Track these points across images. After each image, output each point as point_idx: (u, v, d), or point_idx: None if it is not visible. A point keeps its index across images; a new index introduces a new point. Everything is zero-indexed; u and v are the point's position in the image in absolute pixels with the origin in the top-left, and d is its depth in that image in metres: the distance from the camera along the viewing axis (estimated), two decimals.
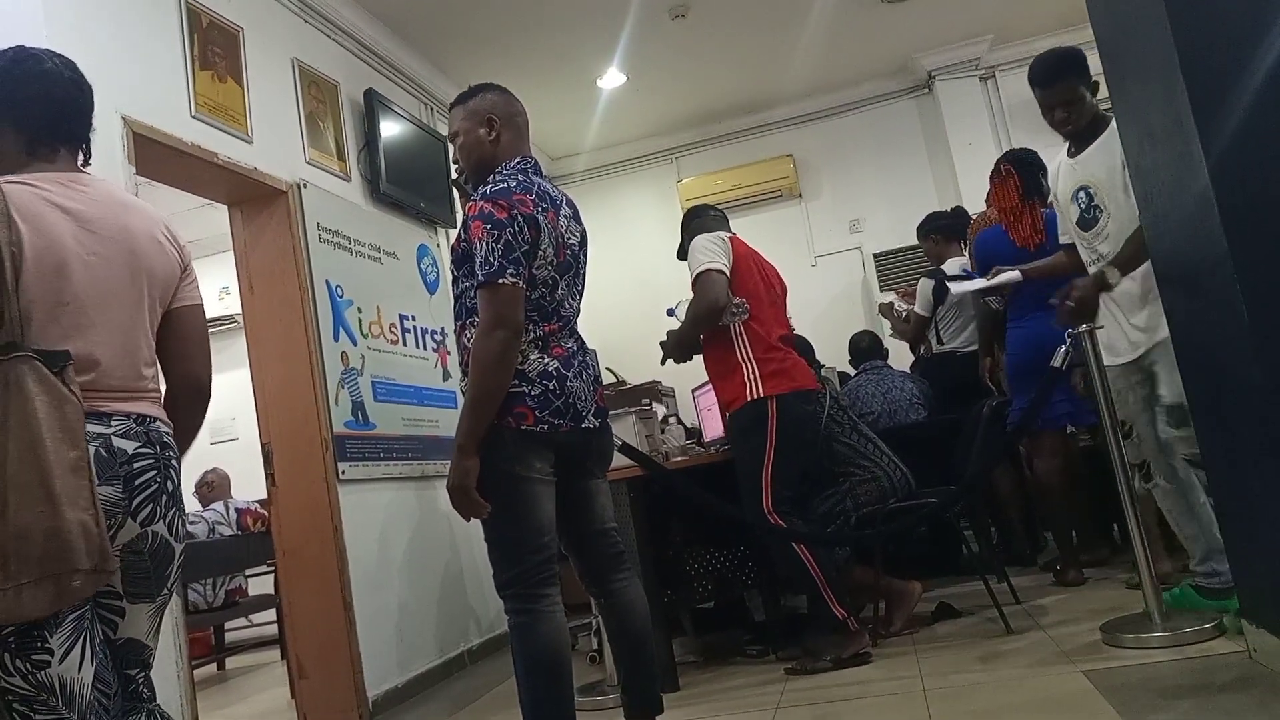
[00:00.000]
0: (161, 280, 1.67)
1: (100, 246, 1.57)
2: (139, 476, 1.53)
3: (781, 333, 3.24)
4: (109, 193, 1.66)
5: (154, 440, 1.58)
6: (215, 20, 3.47)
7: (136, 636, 1.59)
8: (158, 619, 1.64)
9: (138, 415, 1.57)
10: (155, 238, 1.67)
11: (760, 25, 5.36)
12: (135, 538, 1.54)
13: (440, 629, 4.11)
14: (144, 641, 1.61)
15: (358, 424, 3.82)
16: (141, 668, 1.61)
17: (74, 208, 1.56)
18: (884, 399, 4.14)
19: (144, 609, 1.59)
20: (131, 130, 2.93)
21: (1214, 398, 2.28)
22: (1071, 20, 5.63)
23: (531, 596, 2.01)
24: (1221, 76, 1.94)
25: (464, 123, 2.26)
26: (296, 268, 3.67)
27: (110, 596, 1.55)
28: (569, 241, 2.19)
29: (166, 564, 1.60)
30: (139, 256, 1.62)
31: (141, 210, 1.70)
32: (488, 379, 1.99)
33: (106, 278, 1.57)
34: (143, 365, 1.62)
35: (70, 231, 1.54)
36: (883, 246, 6.41)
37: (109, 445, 1.51)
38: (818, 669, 2.93)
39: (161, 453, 1.59)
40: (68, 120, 1.67)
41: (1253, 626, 2.21)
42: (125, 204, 1.67)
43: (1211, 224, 1.97)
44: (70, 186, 1.59)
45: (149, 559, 1.56)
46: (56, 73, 1.67)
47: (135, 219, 1.65)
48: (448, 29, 4.79)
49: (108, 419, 1.52)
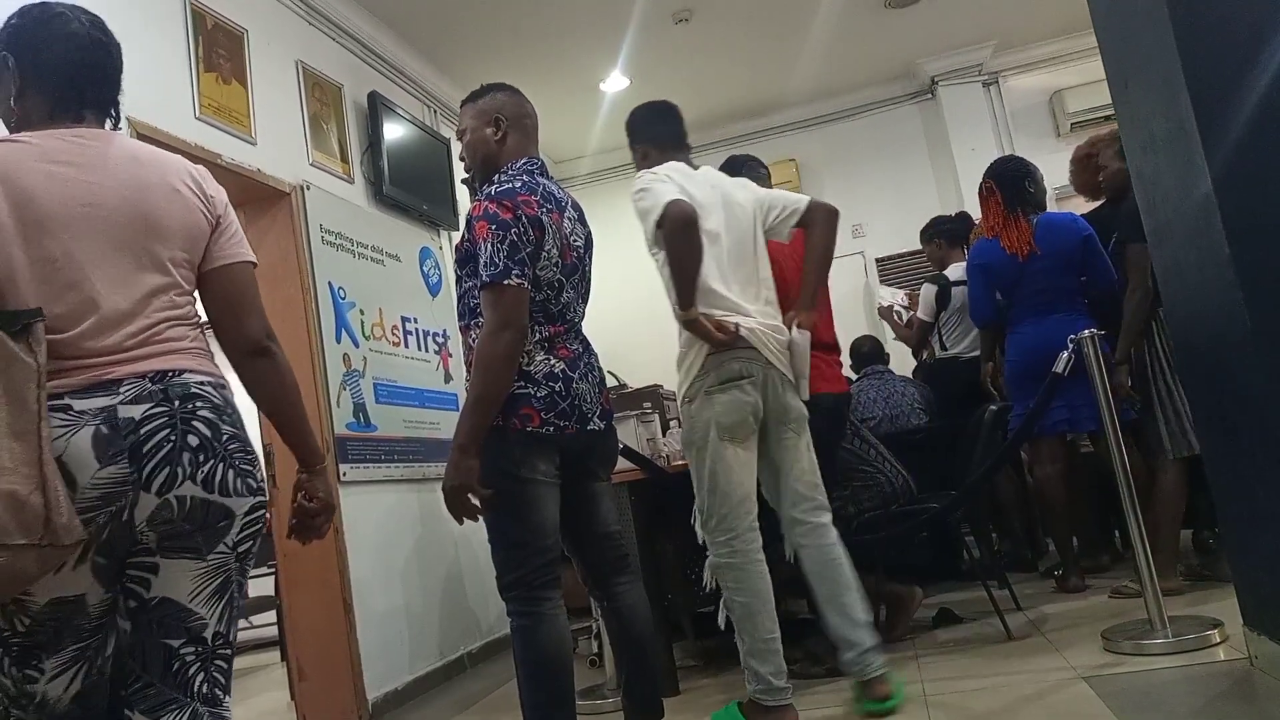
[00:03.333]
0: (181, 231, 1.53)
1: (98, 197, 1.47)
2: (147, 442, 1.38)
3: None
4: (119, 145, 1.55)
5: (173, 395, 1.43)
6: (220, 22, 3.47)
7: (175, 597, 1.42)
8: (212, 584, 1.45)
9: (155, 372, 1.43)
10: (173, 188, 1.54)
11: (763, 30, 5.37)
12: (157, 508, 1.39)
13: (441, 631, 4.11)
14: (185, 604, 1.43)
15: (359, 426, 3.83)
16: (187, 639, 1.43)
17: (70, 160, 1.47)
18: (886, 404, 4.14)
19: (187, 566, 1.43)
20: (136, 131, 2.93)
21: (1216, 404, 2.28)
22: (1074, 26, 5.66)
23: (534, 599, 2.01)
24: (1224, 83, 1.94)
25: (471, 120, 2.26)
26: (299, 269, 3.67)
27: (142, 553, 1.42)
28: (574, 244, 2.19)
29: (216, 522, 1.44)
30: (147, 206, 1.50)
31: (159, 162, 1.57)
32: (490, 380, 1.99)
33: (106, 231, 1.46)
34: (162, 316, 1.49)
35: (63, 186, 1.45)
36: (885, 251, 6.42)
37: (113, 418, 1.38)
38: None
39: (180, 406, 1.42)
40: (95, 86, 1.58)
41: (1254, 633, 2.21)
42: (137, 156, 1.55)
43: (1214, 230, 1.97)
44: (73, 141, 1.50)
45: (185, 523, 1.41)
46: (84, 33, 1.57)
47: (149, 171, 1.54)
48: (452, 32, 4.80)
49: (115, 385, 1.40)
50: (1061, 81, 6.18)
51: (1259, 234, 1.91)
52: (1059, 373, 2.86)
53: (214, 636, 1.46)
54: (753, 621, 2.41)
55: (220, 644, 1.48)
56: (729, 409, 2.44)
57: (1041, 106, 6.31)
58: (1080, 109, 6.02)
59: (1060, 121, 6.20)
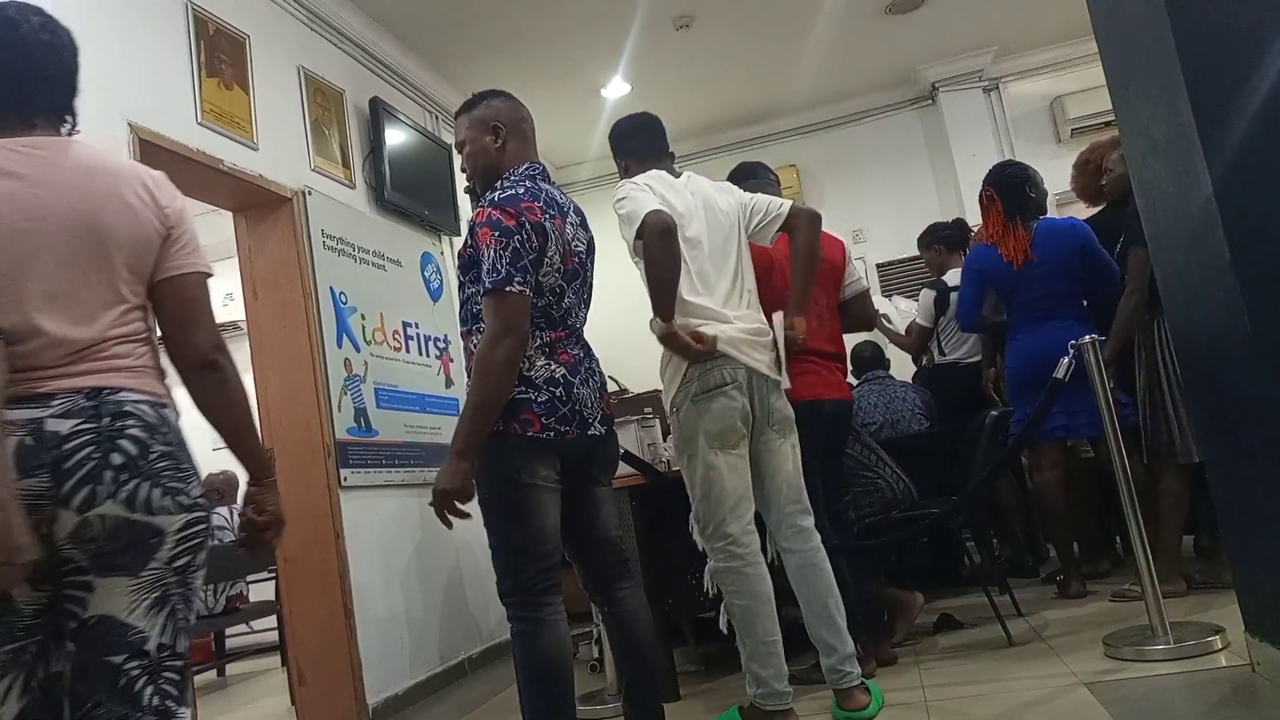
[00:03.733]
0: (129, 243, 1.51)
1: (45, 212, 1.44)
2: (69, 458, 1.37)
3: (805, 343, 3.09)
4: (71, 155, 1.52)
5: (104, 412, 1.41)
6: (222, 28, 3.48)
7: (112, 614, 1.41)
8: (149, 598, 1.43)
9: (90, 389, 1.42)
10: (124, 200, 1.51)
11: (764, 36, 5.38)
12: (77, 526, 1.37)
13: (441, 636, 4.11)
14: (123, 620, 1.41)
15: (360, 430, 3.83)
16: (130, 654, 1.41)
17: (18, 172, 1.45)
18: (886, 409, 4.13)
19: (121, 583, 1.41)
20: (137, 136, 2.94)
21: (1217, 409, 2.28)
22: (1074, 33, 5.67)
23: (534, 604, 2.01)
24: (1225, 88, 1.95)
25: (470, 131, 2.26)
26: (300, 274, 3.68)
27: (75, 573, 1.40)
28: (576, 249, 2.19)
29: (143, 541, 1.41)
30: (95, 220, 1.47)
31: (111, 171, 1.55)
32: (490, 386, 1.99)
33: (51, 247, 1.44)
34: (107, 334, 1.47)
35: (7, 202, 1.42)
36: (886, 257, 6.43)
37: (39, 431, 1.36)
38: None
39: (110, 424, 1.41)
40: (46, 93, 1.55)
41: (1256, 640, 2.20)
42: (88, 166, 1.52)
43: (1215, 235, 1.97)
44: (20, 151, 1.47)
45: (109, 542, 1.39)
46: (32, 38, 1.53)
47: (99, 181, 1.51)
48: (453, 38, 4.81)
49: (47, 399, 1.39)
50: (1062, 87, 6.19)
51: (1260, 239, 1.92)
52: (1060, 378, 2.86)
53: (158, 648, 1.44)
54: (753, 625, 2.41)
55: (166, 655, 1.45)
56: (717, 416, 2.43)
57: (1042, 112, 6.32)
58: (1081, 115, 6.02)
59: (1061, 127, 6.21)
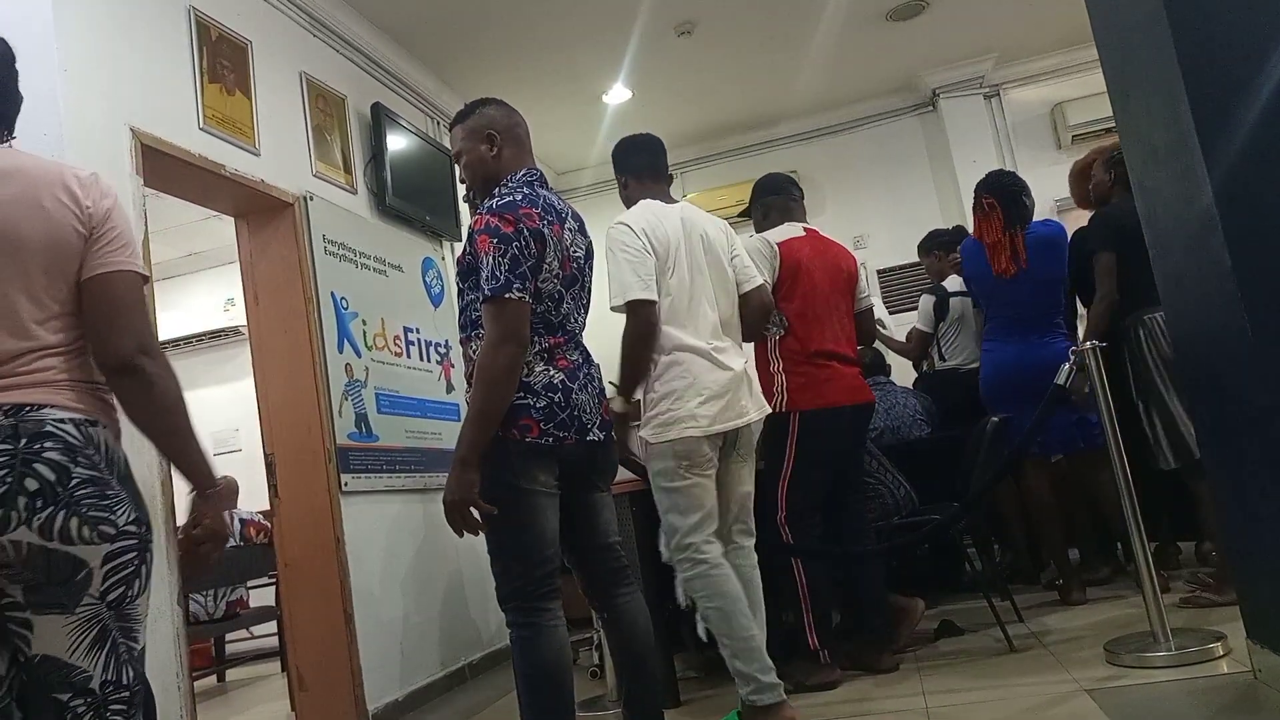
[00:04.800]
0: (43, 249, 1.45)
1: None
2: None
3: (823, 346, 3.09)
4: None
5: (22, 433, 1.35)
6: (224, 34, 3.49)
7: (54, 654, 1.38)
8: (87, 636, 1.40)
9: (11, 406, 1.37)
10: (38, 203, 1.46)
11: (765, 42, 5.39)
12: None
13: (442, 642, 4.10)
14: (65, 660, 1.38)
15: (361, 436, 3.83)
16: (74, 692, 1.39)
17: None
18: (887, 415, 4.13)
19: (57, 621, 1.38)
20: (140, 142, 2.95)
21: (1217, 414, 2.27)
22: (1075, 39, 5.67)
23: (533, 610, 2.01)
24: (1225, 94, 1.95)
25: (465, 141, 2.26)
26: (302, 280, 3.68)
27: (13, 608, 1.37)
28: (574, 255, 2.19)
29: (66, 574, 1.37)
30: (8, 226, 1.43)
31: (28, 176, 1.48)
32: (492, 393, 1.99)
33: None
34: (24, 346, 1.42)
35: None
36: (886, 263, 6.42)
37: None
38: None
39: (25, 446, 1.35)
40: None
41: (1257, 646, 2.20)
42: (7, 174, 1.47)
43: (1215, 241, 1.97)
44: None
45: (29, 572, 1.36)
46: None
47: (12, 187, 1.46)
48: (455, 44, 4.83)
49: None
50: (1063, 94, 6.20)
51: (1260, 245, 1.92)
52: (1061, 384, 2.86)
53: (103, 685, 1.41)
54: (729, 624, 2.46)
55: (111, 691, 1.42)
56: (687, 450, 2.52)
57: (1043, 119, 6.32)
58: (1081, 121, 6.02)
59: (1061, 134, 6.21)
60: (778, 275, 3.09)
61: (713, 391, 2.53)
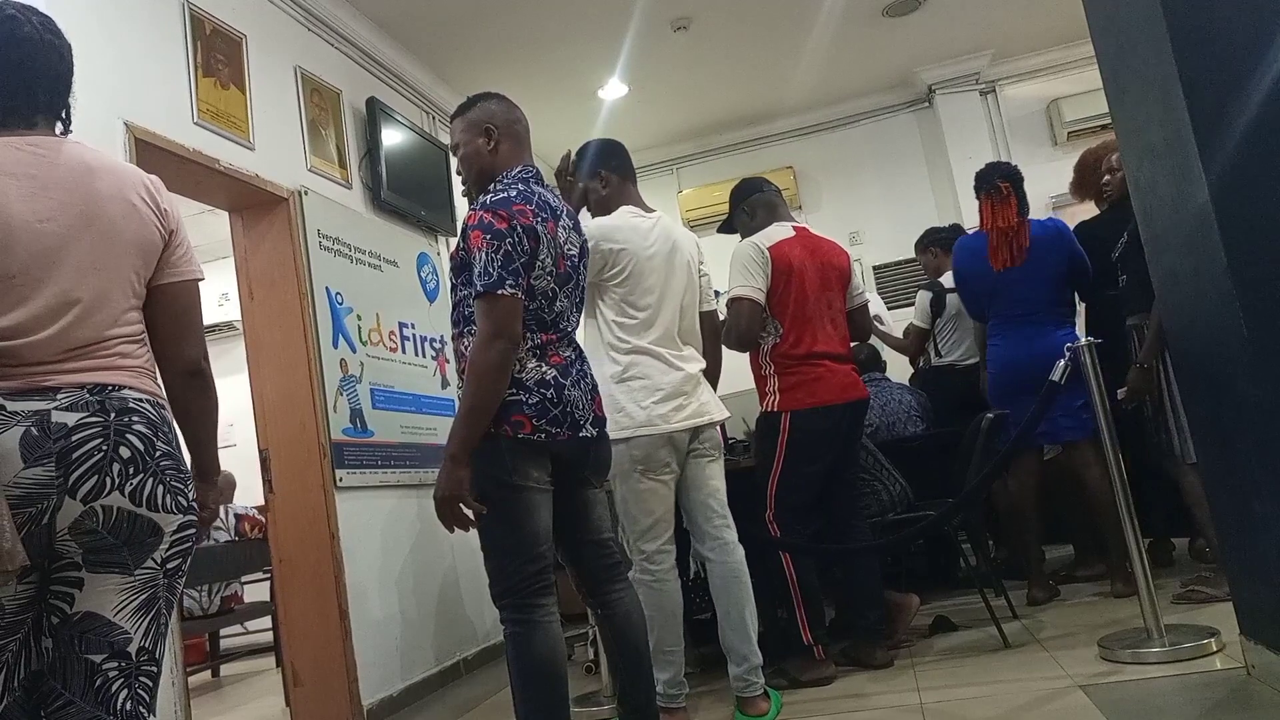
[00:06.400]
0: (134, 245, 1.54)
1: (56, 212, 1.46)
2: (77, 449, 1.39)
3: (815, 348, 3.07)
4: (74, 155, 1.53)
5: (109, 408, 1.44)
6: (219, 27, 3.48)
7: (99, 611, 1.41)
8: (138, 598, 1.44)
9: (94, 385, 1.44)
10: (128, 201, 1.55)
11: (762, 38, 5.38)
12: (81, 516, 1.39)
13: (437, 637, 4.10)
14: (109, 618, 1.42)
15: (356, 431, 3.82)
16: (110, 654, 1.41)
17: (28, 172, 1.46)
18: (882, 411, 4.13)
19: (112, 580, 1.42)
20: (134, 136, 2.94)
21: (1213, 413, 2.28)
22: (1071, 35, 5.68)
23: (527, 606, 2.01)
24: (1221, 91, 1.95)
25: (463, 134, 2.26)
26: (297, 274, 3.67)
27: (67, 569, 1.41)
28: (568, 252, 2.19)
29: (143, 538, 1.44)
30: (103, 221, 1.51)
31: (113, 172, 1.57)
32: (484, 389, 1.98)
33: (62, 245, 1.46)
34: (110, 333, 1.50)
35: (19, 199, 1.44)
36: (882, 259, 6.43)
37: (45, 422, 1.38)
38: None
39: (116, 419, 1.43)
40: (48, 91, 1.57)
41: (1251, 643, 2.20)
42: (91, 167, 1.54)
43: (1211, 239, 1.97)
44: (27, 151, 1.49)
45: (110, 536, 1.41)
46: (36, 37, 1.55)
47: (103, 182, 1.53)
48: (451, 39, 4.81)
49: (53, 393, 1.41)
50: (1059, 90, 6.20)
51: (1256, 243, 1.92)
52: (1056, 380, 2.86)
53: (139, 652, 1.45)
54: (655, 634, 2.51)
55: (145, 660, 1.46)
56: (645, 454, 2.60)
57: (1039, 115, 6.33)
58: (1077, 118, 6.03)
59: (1057, 130, 6.21)
60: (770, 279, 3.09)
61: (666, 392, 2.61)
